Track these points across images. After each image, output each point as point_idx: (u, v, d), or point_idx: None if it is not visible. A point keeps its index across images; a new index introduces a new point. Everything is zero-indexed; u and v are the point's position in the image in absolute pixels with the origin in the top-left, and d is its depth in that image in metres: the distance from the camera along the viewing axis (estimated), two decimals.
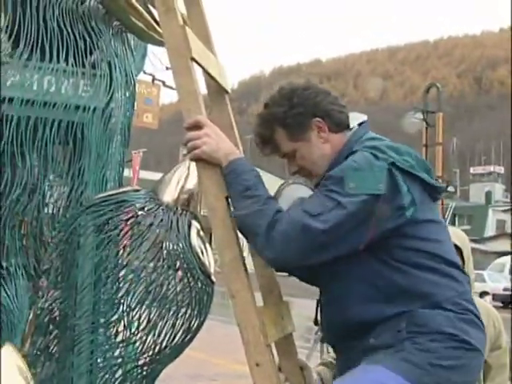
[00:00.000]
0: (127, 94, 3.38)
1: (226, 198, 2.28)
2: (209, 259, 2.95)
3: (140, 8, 3.35)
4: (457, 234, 3.32)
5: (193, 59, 2.32)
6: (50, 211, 3.30)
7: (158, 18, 2.60)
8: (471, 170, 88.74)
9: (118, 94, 3.28)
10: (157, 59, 3.81)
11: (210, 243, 2.97)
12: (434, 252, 2.30)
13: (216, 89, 2.68)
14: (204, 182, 2.30)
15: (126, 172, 3.57)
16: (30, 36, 3.13)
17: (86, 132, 3.19)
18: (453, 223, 49.08)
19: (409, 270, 2.26)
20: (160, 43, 3.33)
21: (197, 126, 2.29)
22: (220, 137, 2.30)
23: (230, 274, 2.26)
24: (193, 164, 2.55)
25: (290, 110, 2.36)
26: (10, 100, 3.12)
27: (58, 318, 3.14)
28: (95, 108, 3.20)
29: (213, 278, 2.96)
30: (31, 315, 3.06)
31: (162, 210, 2.92)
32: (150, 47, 3.75)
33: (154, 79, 17.12)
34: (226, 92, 2.70)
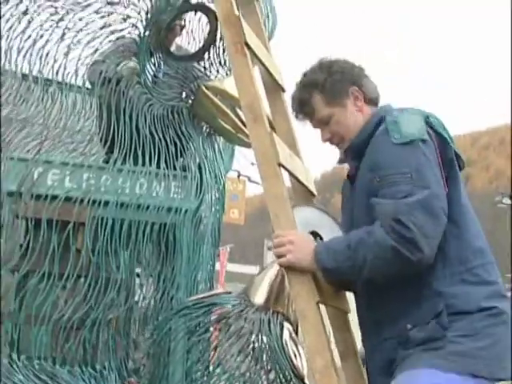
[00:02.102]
0: (217, 195, 3.45)
1: (317, 303, 2.25)
2: (301, 362, 2.91)
3: (228, 111, 3.45)
4: None
5: (280, 165, 2.35)
6: (142, 311, 3.34)
7: (245, 121, 2.66)
8: None
9: (208, 195, 3.36)
10: (242, 155, 3.90)
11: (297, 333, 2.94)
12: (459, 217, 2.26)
13: (303, 191, 2.69)
14: (294, 287, 2.28)
15: None
16: (124, 143, 3.26)
17: (178, 234, 3.25)
18: None
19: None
20: (247, 145, 3.40)
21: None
22: (304, 244, 2.28)
23: (321, 381, 2.20)
24: None
25: (330, 77, 2.43)
26: (106, 203, 3.22)
27: None
28: (187, 210, 3.26)
29: (306, 381, 2.91)
30: None
31: (254, 311, 2.91)
32: None
33: (239, 175, 17.41)
34: (313, 195, 2.72)
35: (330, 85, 2.42)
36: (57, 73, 3.48)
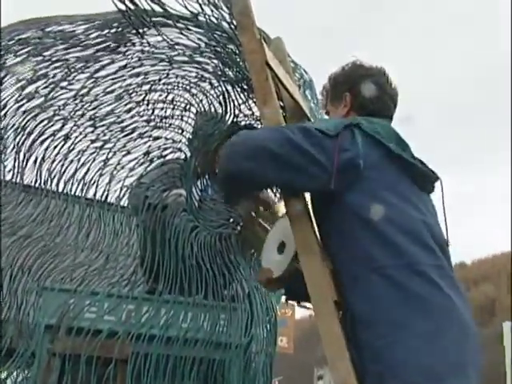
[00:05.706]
0: (268, 328, 3.19)
1: None
2: None
3: None
4: None
5: (336, 303, 2.16)
6: None
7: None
8: None
9: (259, 330, 3.10)
10: None
11: None
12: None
13: None
14: None
15: None
16: (169, 275, 3.06)
17: (227, 372, 2.98)
18: None
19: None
20: None
21: None
22: None
23: None
24: None
25: (338, 77, 2.61)
26: (150, 338, 2.99)
27: None
28: (237, 346, 3.01)
29: None
30: None
31: None
32: None
33: (287, 299, 17.05)
34: None
35: (334, 85, 2.62)
36: (99, 197, 3.37)
